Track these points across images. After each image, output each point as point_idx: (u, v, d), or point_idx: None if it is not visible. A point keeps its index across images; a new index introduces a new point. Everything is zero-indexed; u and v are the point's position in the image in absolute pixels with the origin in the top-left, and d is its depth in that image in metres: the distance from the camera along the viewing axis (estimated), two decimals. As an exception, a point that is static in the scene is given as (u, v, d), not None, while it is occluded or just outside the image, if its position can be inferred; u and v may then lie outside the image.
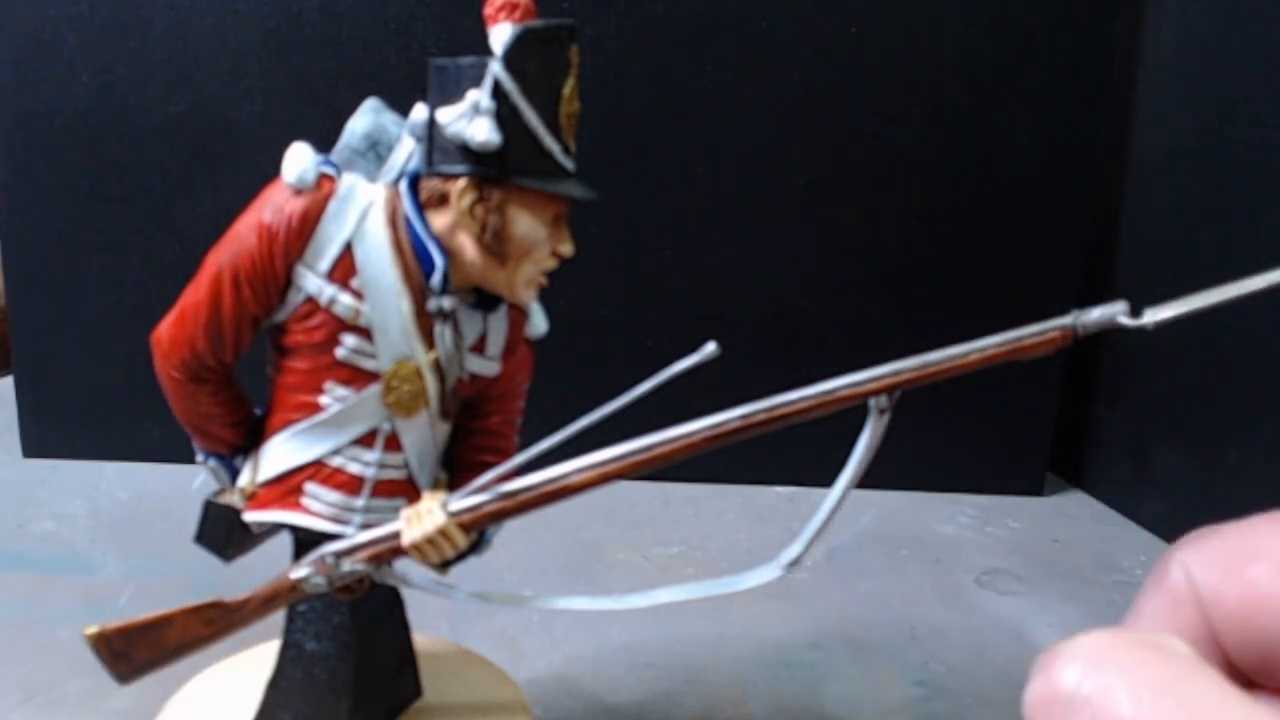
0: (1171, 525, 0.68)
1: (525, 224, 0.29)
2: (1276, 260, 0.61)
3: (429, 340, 0.29)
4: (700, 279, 0.70)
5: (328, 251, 0.28)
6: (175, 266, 0.68)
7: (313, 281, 0.28)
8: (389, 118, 0.30)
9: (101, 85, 0.66)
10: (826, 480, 0.86)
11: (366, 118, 0.29)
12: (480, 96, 0.27)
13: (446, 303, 0.29)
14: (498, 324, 0.31)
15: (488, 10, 0.27)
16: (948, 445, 0.74)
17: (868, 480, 0.83)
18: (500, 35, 0.27)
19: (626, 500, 0.67)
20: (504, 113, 0.27)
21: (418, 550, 0.29)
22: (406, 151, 0.29)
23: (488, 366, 0.31)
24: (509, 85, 0.27)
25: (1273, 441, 0.59)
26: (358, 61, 0.65)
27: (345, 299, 0.28)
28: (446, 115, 0.27)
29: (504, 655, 0.46)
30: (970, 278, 0.72)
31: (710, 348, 0.26)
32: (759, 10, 0.67)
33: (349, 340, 0.29)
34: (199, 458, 0.30)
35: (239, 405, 0.31)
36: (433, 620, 0.48)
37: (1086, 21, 0.68)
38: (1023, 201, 0.71)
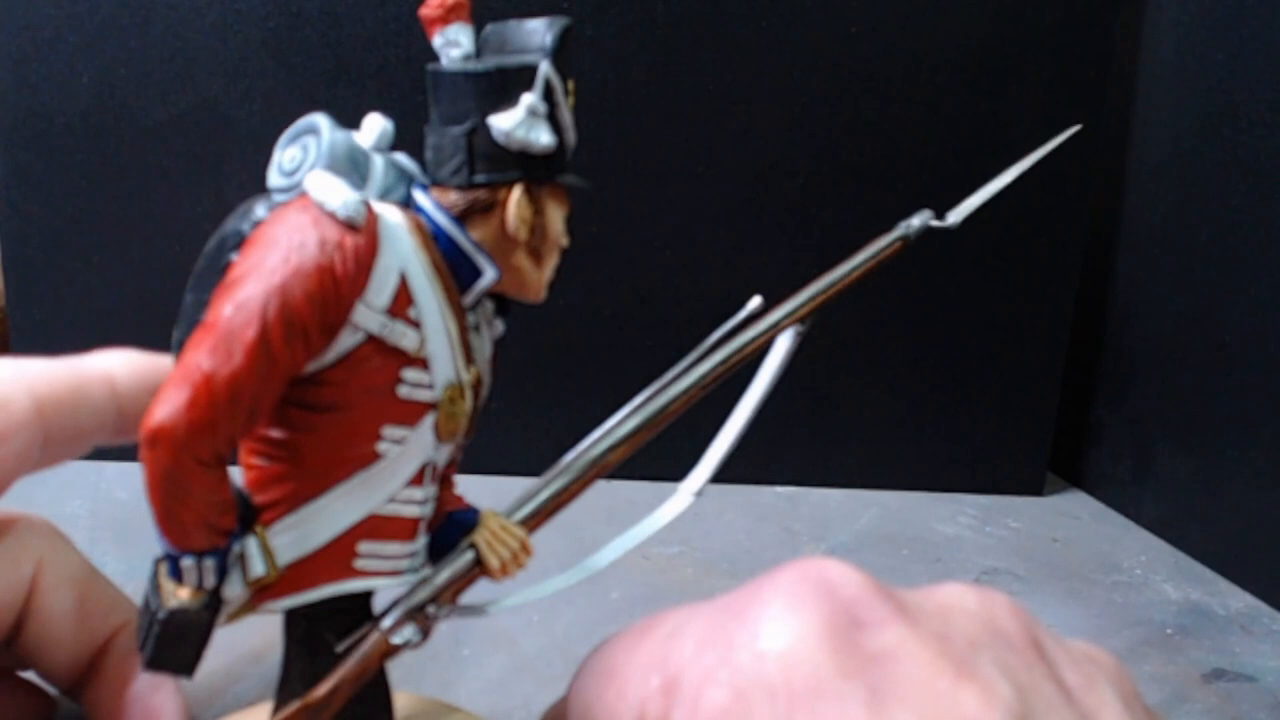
0: (1171, 525, 0.68)
1: (558, 221, 0.28)
2: (1276, 260, 0.61)
3: (469, 357, 0.28)
4: (700, 279, 0.70)
5: (387, 284, 0.25)
6: (175, 267, 0.68)
7: (374, 319, 0.25)
8: (349, 134, 0.28)
9: (101, 85, 0.66)
10: (827, 480, 0.87)
11: (342, 134, 0.27)
12: (534, 100, 0.26)
13: (481, 315, 0.28)
14: (496, 329, 0.31)
15: (432, 12, 0.26)
16: (948, 445, 0.74)
17: (868, 480, 0.83)
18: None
19: (626, 500, 0.67)
20: (552, 113, 0.27)
21: (503, 571, 0.28)
22: (381, 170, 0.27)
23: (489, 374, 0.31)
24: (557, 85, 0.27)
25: (1273, 441, 0.59)
26: (358, 61, 0.65)
27: (410, 332, 0.26)
28: (507, 121, 0.26)
29: (504, 656, 0.47)
30: (970, 277, 0.72)
31: (756, 301, 0.29)
32: (759, 10, 0.67)
33: (410, 375, 0.26)
34: (186, 562, 0.24)
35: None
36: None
37: (1086, 21, 0.68)
38: (1023, 201, 0.71)
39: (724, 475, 0.73)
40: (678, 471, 0.77)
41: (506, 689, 0.44)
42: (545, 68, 0.26)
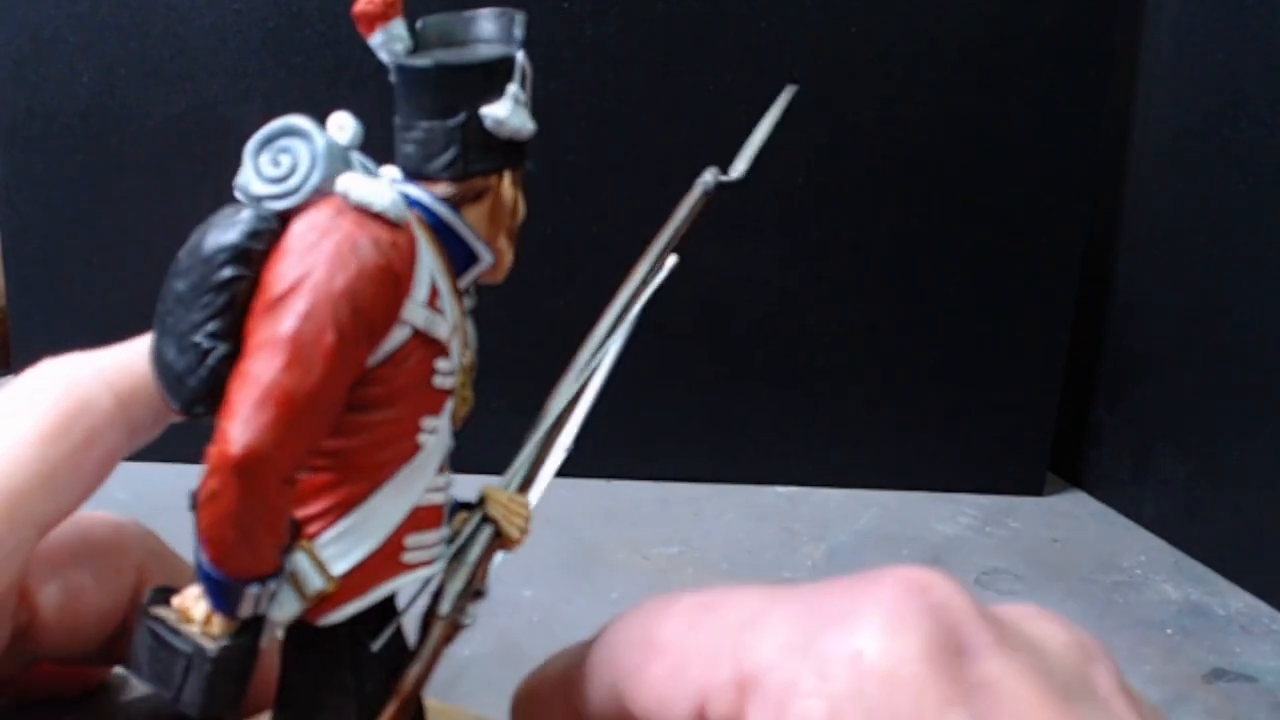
0: (1171, 525, 0.68)
1: (522, 204, 0.29)
2: (1276, 260, 0.61)
3: (464, 341, 0.28)
4: (699, 278, 0.70)
5: (424, 277, 0.25)
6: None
7: (420, 313, 0.25)
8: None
9: (101, 85, 0.66)
10: (827, 480, 0.86)
11: (328, 136, 0.26)
12: (517, 88, 0.27)
13: (472, 299, 0.29)
14: None
15: (374, 9, 0.26)
16: (948, 445, 0.74)
17: (868, 480, 0.83)
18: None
19: (626, 500, 0.67)
20: (526, 101, 0.27)
21: (519, 540, 0.29)
22: (361, 169, 0.27)
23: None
24: (529, 74, 0.27)
25: (1273, 441, 0.59)
26: (358, 61, 0.65)
27: (442, 321, 0.26)
28: (502, 110, 0.26)
29: (505, 657, 0.47)
30: (970, 277, 0.72)
31: (673, 260, 0.31)
32: (759, 10, 0.67)
33: (441, 364, 0.27)
34: (253, 590, 0.24)
35: None
36: (433, 620, 0.47)
37: (1086, 21, 0.68)
38: (1023, 201, 0.71)
39: (724, 475, 0.74)
40: (674, 471, 0.77)
41: (506, 689, 0.44)
42: (521, 57, 0.27)
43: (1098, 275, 0.75)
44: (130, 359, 0.33)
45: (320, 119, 0.26)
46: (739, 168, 0.38)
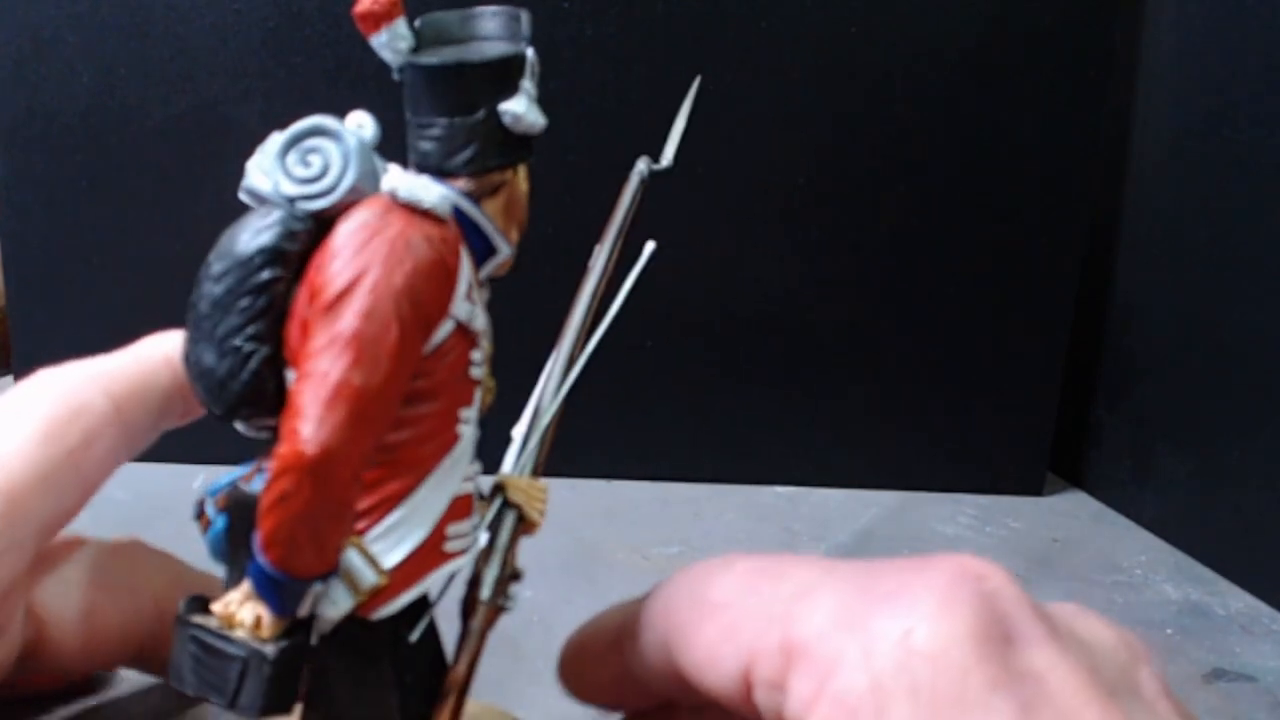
0: (1171, 525, 0.68)
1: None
2: (1276, 260, 0.62)
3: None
4: (699, 278, 0.70)
5: (466, 271, 0.26)
6: (175, 267, 0.68)
7: (463, 307, 0.26)
8: None
9: (101, 85, 0.66)
10: (827, 480, 0.86)
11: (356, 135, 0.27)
12: (530, 84, 0.27)
13: (488, 291, 0.29)
14: None
15: (378, 8, 0.26)
16: (948, 445, 0.74)
17: (868, 480, 0.83)
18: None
19: (626, 500, 0.67)
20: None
21: (539, 524, 0.30)
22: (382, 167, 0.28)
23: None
24: (537, 69, 0.27)
25: (1273, 441, 0.59)
26: (358, 61, 0.65)
27: (479, 313, 0.27)
28: (520, 105, 0.27)
29: (504, 656, 0.47)
30: (969, 277, 0.72)
31: (650, 247, 0.31)
32: (759, 10, 0.67)
33: (476, 355, 0.27)
34: (318, 587, 0.24)
35: None
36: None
37: (1086, 21, 0.68)
38: (1023, 201, 0.71)
39: (724, 475, 0.74)
40: (674, 471, 0.77)
41: (506, 689, 0.44)
42: (531, 53, 0.27)
43: (1098, 275, 0.75)
44: (123, 364, 0.34)
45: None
46: (667, 155, 0.39)
